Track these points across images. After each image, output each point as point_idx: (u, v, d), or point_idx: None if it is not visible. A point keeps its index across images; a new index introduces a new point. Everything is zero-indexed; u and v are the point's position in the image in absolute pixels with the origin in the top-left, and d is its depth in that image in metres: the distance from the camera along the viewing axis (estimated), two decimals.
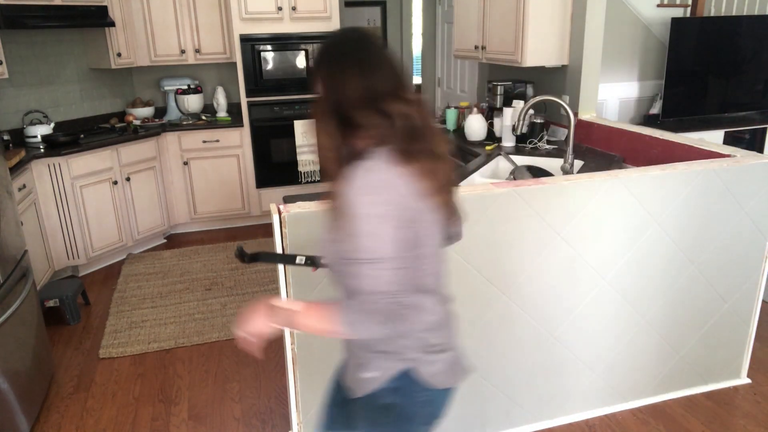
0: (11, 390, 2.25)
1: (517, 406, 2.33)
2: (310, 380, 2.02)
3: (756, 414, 2.47)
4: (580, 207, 2.09)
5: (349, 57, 1.23)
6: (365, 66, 1.20)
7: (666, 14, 4.49)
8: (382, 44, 1.25)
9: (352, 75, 1.21)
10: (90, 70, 4.56)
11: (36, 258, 3.37)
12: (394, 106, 1.16)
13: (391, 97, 1.17)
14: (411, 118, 1.18)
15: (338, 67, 1.24)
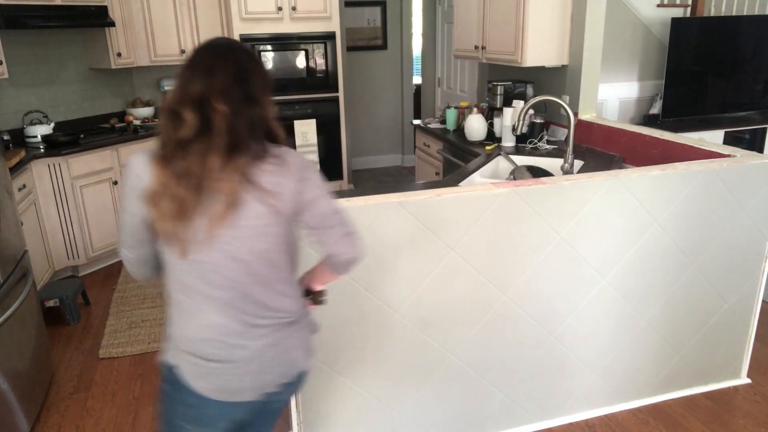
0: (11, 390, 2.25)
1: (517, 406, 2.33)
2: (310, 380, 2.02)
3: (756, 414, 2.47)
4: (580, 207, 2.09)
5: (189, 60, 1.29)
6: (188, 69, 1.27)
7: (666, 14, 4.49)
8: (221, 52, 1.30)
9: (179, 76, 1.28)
10: (90, 70, 4.56)
11: (36, 258, 3.37)
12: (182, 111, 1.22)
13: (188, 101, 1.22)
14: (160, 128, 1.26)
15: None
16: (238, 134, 1.22)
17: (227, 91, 1.24)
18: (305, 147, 4.93)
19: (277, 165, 1.28)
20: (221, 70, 1.26)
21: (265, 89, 1.36)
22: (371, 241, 1.88)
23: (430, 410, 2.22)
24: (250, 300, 1.30)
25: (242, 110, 1.26)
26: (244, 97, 1.27)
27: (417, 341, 2.08)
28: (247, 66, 1.31)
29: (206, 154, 1.20)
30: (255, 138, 1.27)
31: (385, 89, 6.56)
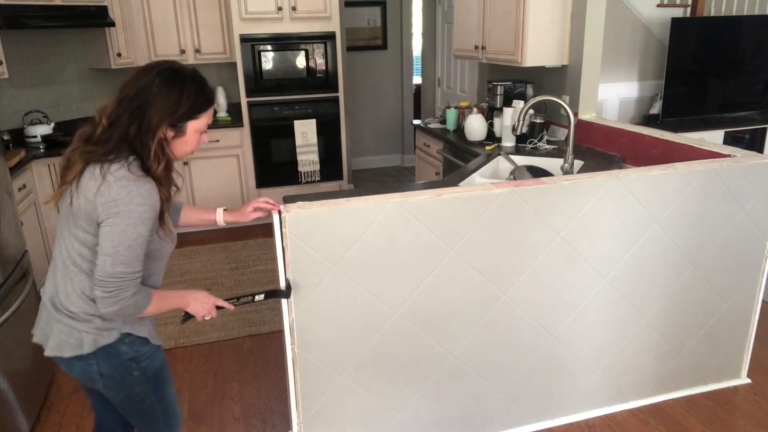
0: (11, 390, 2.25)
1: (517, 406, 2.33)
2: (310, 380, 2.02)
3: (756, 414, 2.47)
4: (580, 207, 2.09)
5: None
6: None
7: (666, 14, 4.49)
8: (140, 70, 1.45)
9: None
10: (90, 70, 4.56)
11: (36, 258, 3.37)
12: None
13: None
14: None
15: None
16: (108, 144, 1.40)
17: (116, 105, 1.41)
18: (305, 147, 4.93)
19: (96, 183, 1.38)
20: (127, 86, 1.42)
21: (162, 115, 1.41)
22: (371, 240, 1.89)
23: (430, 410, 2.22)
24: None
25: (120, 124, 1.40)
26: (129, 114, 1.39)
27: (417, 341, 2.08)
28: (152, 89, 1.40)
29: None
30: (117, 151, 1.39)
31: (385, 89, 6.56)
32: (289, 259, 1.83)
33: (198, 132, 1.49)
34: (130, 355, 1.52)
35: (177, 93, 1.41)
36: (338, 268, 1.89)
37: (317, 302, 1.91)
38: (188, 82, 1.43)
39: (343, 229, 1.85)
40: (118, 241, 1.36)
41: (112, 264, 1.36)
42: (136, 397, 1.58)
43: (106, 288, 1.37)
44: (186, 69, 1.45)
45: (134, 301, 1.41)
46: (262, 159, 4.87)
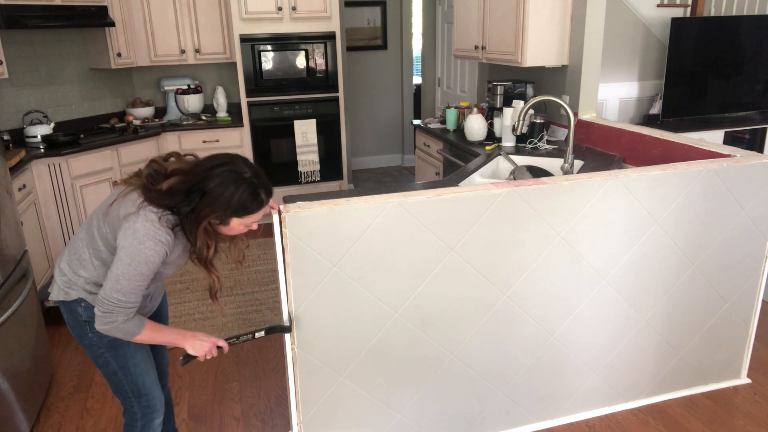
0: (11, 390, 2.25)
1: (517, 406, 2.33)
2: (310, 380, 2.02)
3: (756, 414, 2.47)
4: (580, 207, 2.09)
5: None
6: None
7: (666, 14, 4.49)
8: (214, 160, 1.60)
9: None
10: (90, 70, 4.56)
11: (36, 258, 3.37)
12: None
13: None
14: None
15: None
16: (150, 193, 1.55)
17: (181, 181, 1.54)
18: (305, 147, 4.93)
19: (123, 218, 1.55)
20: (198, 167, 1.56)
21: (209, 210, 1.54)
22: (371, 241, 1.89)
23: (430, 410, 2.22)
24: None
25: (175, 197, 1.54)
26: (185, 192, 1.53)
27: (417, 341, 2.08)
28: (212, 182, 1.53)
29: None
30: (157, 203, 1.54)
31: (385, 89, 6.56)
32: (289, 259, 1.83)
33: (243, 225, 1.61)
34: (84, 318, 1.68)
35: (229, 195, 1.52)
36: (338, 268, 1.89)
37: (317, 302, 1.91)
38: (244, 187, 1.54)
39: (343, 229, 1.85)
40: (121, 271, 1.51)
41: (111, 288, 1.52)
42: (99, 359, 1.73)
43: (101, 307, 1.53)
44: (249, 172, 1.56)
45: (124, 327, 1.56)
46: (262, 159, 4.87)
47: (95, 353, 1.73)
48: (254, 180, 1.56)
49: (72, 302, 1.67)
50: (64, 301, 1.68)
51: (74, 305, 1.67)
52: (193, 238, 1.57)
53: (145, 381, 1.78)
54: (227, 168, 1.54)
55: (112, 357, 1.72)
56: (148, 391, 1.80)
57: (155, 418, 1.84)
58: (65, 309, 1.70)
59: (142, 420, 1.82)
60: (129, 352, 1.74)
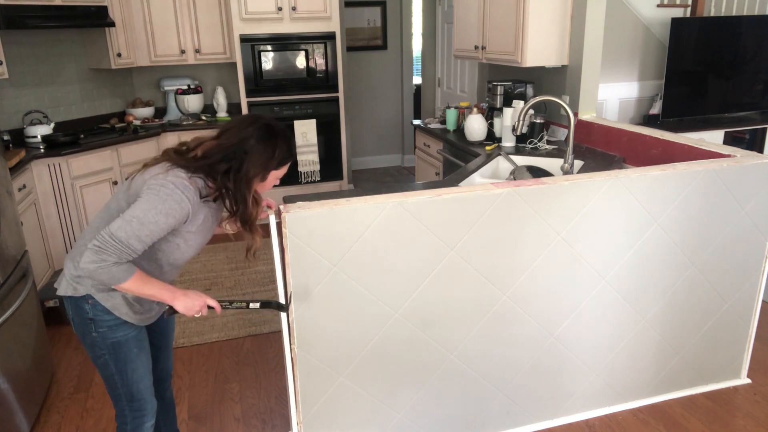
0: (11, 390, 2.25)
1: (517, 406, 2.33)
2: (310, 380, 2.02)
3: (756, 414, 2.47)
4: (580, 207, 2.09)
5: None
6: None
7: (666, 14, 4.49)
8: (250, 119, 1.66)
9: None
10: (90, 70, 4.57)
11: (36, 258, 3.37)
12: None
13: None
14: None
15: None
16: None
17: (214, 146, 1.58)
18: (305, 147, 4.93)
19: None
20: (227, 133, 1.60)
21: (257, 169, 1.59)
22: (371, 241, 1.89)
23: (430, 410, 2.22)
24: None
25: (211, 160, 1.56)
26: (222, 157, 1.55)
27: (417, 341, 2.08)
28: (249, 142, 1.57)
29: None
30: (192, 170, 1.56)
31: (385, 89, 6.56)
32: (289, 259, 1.84)
33: (275, 178, 1.68)
34: (89, 316, 1.65)
35: (271, 150, 1.59)
36: (338, 268, 1.89)
37: (317, 302, 1.91)
38: (281, 139, 1.61)
39: (343, 229, 1.85)
40: (137, 213, 1.47)
41: (118, 227, 1.46)
42: (99, 359, 1.71)
43: (97, 241, 1.46)
44: (279, 126, 1.64)
45: (112, 270, 1.47)
46: None
47: (96, 353, 1.71)
48: (284, 132, 1.64)
49: (79, 298, 1.64)
50: (71, 297, 1.65)
51: (81, 302, 1.64)
52: (241, 199, 1.58)
53: (139, 387, 1.77)
54: (260, 124, 1.59)
55: (111, 359, 1.71)
56: (141, 396, 1.79)
57: (146, 422, 1.83)
58: (71, 305, 1.67)
59: (132, 423, 1.81)
60: (130, 356, 1.72)
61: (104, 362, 1.72)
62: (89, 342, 1.70)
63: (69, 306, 1.68)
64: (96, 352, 1.71)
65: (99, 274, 1.46)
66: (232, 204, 1.60)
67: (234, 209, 1.61)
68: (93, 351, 1.72)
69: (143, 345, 1.77)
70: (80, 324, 1.68)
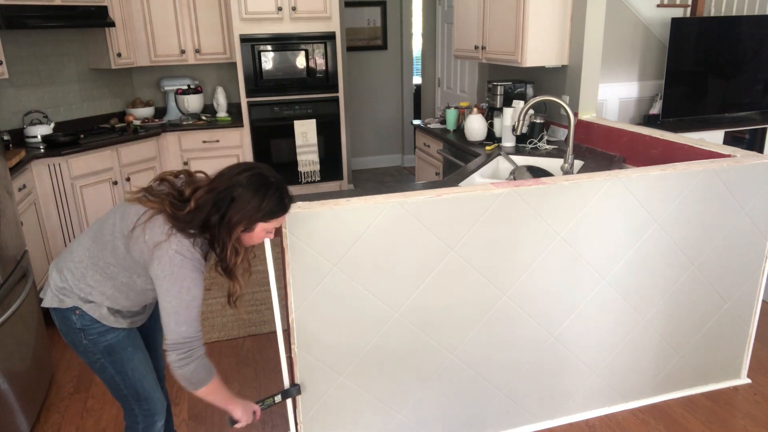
0: (11, 390, 2.25)
1: (517, 406, 2.33)
2: (310, 380, 2.02)
3: (756, 414, 2.47)
4: (580, 207, 2.09)
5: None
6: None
7: (666, 14, 4.49)
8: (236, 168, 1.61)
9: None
10: (90, 70, 4.56)
11: (36, 258, 3.37)
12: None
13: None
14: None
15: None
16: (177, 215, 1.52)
17: (206, 192, 1.53)
18: (305, 147, 4.93)
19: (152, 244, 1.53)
20: (220, 178, 1.55)
21: (241, 217, 1.54)
22: (371, 240, 1.89)
23: (430, 410, 2.22)
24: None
25: (204, 211, 1.52)
26: (213, 203, 1.52)
27: (417, 341, 2.08)
28: (238, 189, 1.53)
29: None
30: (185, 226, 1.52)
31: (385, 89, 6.56)
32: (288, 259, 1.84)
33: (265, 231, 1.61)
34: (78, 326, 1.65)
35: (259, 200, 1.53)
36: (338, 268, 1.89)
37: (317, 302, 1.91)
38: (272, 191, 1.55)
39: (343, 229, 1.85)
40: (176, 303, 1.51)
41: (175, 325, 1.52)
42: (95, 365, 1.71)
43: (180, 350, 1.53)
44: (273, 178, 1.58)
45: (204, 363, 1.57)
46: (262, 159, 4.87)
47: (91, 359, 1.71)
48: (279, 184, 1.58)
49: (66, 310, 1.64)
50: (57, 309, 1.65)
51: (68, 313, 1.64)
52: (221, 246, 1.55)
53: (144, 385, 1.77)
54: (253, 173, 1.55)
55: (108, 362, 1.70)
56: (148, 395, 1.78)
57: (157, 422, 1.83)
58: (57, 316, 1.67)
59: (143, 423, 1.81)
60: (126, 356, 1.72)
61: (101, 366, 1.71)
62: (82, 350, 1.70)
63: (56, 317, 1.67)
64: (91, 358, 1.71)
65: (196, 373, 1.56)
66: (213, 248, 1.58)
67: (217, 255, 1.59)
68: (88, 357, 1.71)
69: (137, 343, 1.76)
70: (69, 333, 1.68)
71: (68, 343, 1.70)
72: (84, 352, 1.70)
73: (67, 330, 1.67)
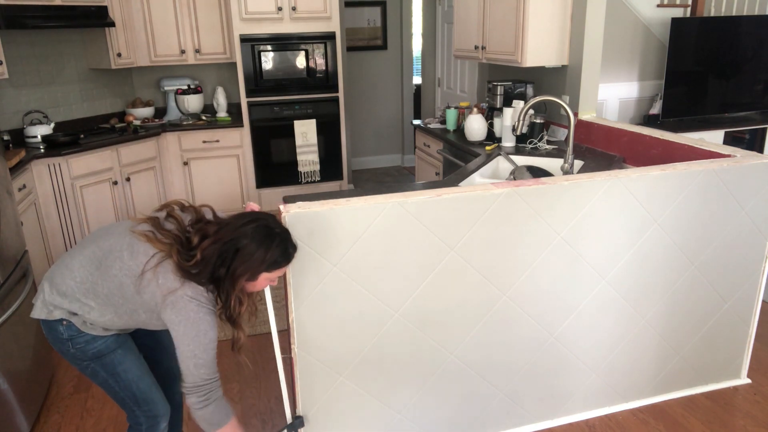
0: (11, 390, 2.25)
1: (517, 406, 2.33)
2: (310, 380, 2.02)
3: (756, 414, 2.47)
4: (580, 207, 2.09)
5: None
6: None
7: (666, 14, 4.49)
8: (244, 218, 1.61)
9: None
10: (90, 70, 4.57)
11: (36, 258, 3.37)
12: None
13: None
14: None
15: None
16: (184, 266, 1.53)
17: (212, 243, 1.53)
18: (305, 147, 4.93)
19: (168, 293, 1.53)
20: (225, 228, 1.55)
21: (245, 268, 1.55)
22: (371, 240, 1.89)
23: (430, 410, 2.22)
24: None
25: (210, 263, 1.53)
26: (218, 255, 1.52)
27: (417, 341, 2.08)
28: (243, 240, 1.54)
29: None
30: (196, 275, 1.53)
31: (385, 89, 6.56)
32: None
33: (268, 279, 1.64)
34: (65, 336, 1.64)
35: (263, 252, 1.55)
36: (338, 268, 1.89)
37: (317, 302, 1.91)
38: (277, 242, 1.57)
39: (343, 229, 1.85)
40: (194, 346, 1.53)
41: (195, 366, 1.54)
42: (86, 370, 1.71)
43: (200, 392, 1.56)
44: (278, 228, 1.61)
45: (222, 404, 1.62)
46: (262, 159, 4.88)
47: (81, 366, 1.70)
48: (284, 234, 1.61)
49: (53, 321, 1.63)
50: (44, 320, 1.64)
51: (55, 324, 1.63)
52: (225, 296, 1.57)
53: (140, 386, 1.75)
54: (258, 224, 1.56)
55: (99, 366, 1.69)
56: (146, 396, 1.77)
57: (160, 422, 1.81)
58: (45, 327, 1.66)
59: (146, 424, 1.80)
60: (116, 358, 1.70)
61: (93, 371, 1.70)
62: (70, 358, 1.69)
63: (43, 327, 1.67)
64: (81, 365, 1.70)
65: (215, 414, 1.59)
66: (219, 297, 1.60)
67: (222, 304, 1.61)
68: (78, 364, 1.70)
69: (126, 344, 1.74)
70: (57, 343, 1.67)
71: (57, 351, 1.70)
72: (73, 359, 1.69)
73: (54, 339, 1.66)
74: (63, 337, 1.64)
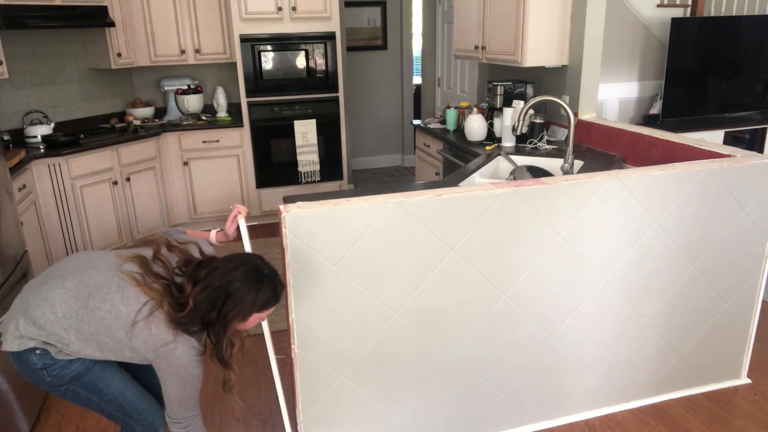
0: (11, 390, 2.25)
1: (517, 406, 2.33)
2: (310, 380, 2.02)
3: (756, 414, 2.47)
4: (580, 207, 2.09)
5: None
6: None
7: (666, 14, 4.49)
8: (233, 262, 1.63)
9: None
10: (90, 70, 4.56)
11: (36, 258, 3.37)
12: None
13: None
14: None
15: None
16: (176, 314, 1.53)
17: (202, 290, 1.54)
18: (305, 147, 4.93)
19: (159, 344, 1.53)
20: (215, 274, 1.56)
21: (237, 312, 1.57)
22: (371, 240, 1.89)
23: (430, 410, 2.22)
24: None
25: (202, 309, 1.54)
26: (210, 301, 1.53)
27: (417, 341, 2.08)
28: (233, 285, 1.56)
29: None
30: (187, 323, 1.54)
31: (385, 89, 6.56)
32: (288, 259, 1.84)
33: (258, 318, 1.65)
34: (39, 365, 1.58)
35: (254, 295, 1.57)
36: (338, 268, 1.89)
37: (317, 302, 1.91)
38: (266, 284, 1.59)
39: (343, 229, 1.85)
40: (181, 394, 1.59)
41: (179, 410, 1.62)
42: (67, 394, 1.66)
43: (181, 424, 1.65)
44: (266, 269, 1.62)
45: (201, 429, 1.72)
46: (262, 159, 4.87)
47: (60, 391, 1.64)
48: (273, 276, 1.62)
49: (24, 352, 1.55)
50: (15, 353, 1.56)
51: (27, 354, 1.55)
52: (216, 338, 1.59)
53: (127, 397, 1.71)
54: (247, 268, 1.58)
55: (78, 387, 1.63)
56: (136, 407, 1.73)
57: (158, 430, 1.80)
58: (15, 358, 1.58)
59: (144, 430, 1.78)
60: (95, 374, 1.64)
61: (73, 393, 1.65)
62: (47, 386, 1.62)
63: (14, 359, 1.59)
64: (59, 390, 1.63)
65: None
66: (209, 339, 1.63)
67: (214, 346, 1.62)
68: (56, 390, 1.63)
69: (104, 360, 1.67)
70: (30, 374, 1.59)
71: (31, 382, 1.62)
72: (50, 387, 1.62)
73: (27, 370, 1.59)
74: (37, 366, 1.57)
